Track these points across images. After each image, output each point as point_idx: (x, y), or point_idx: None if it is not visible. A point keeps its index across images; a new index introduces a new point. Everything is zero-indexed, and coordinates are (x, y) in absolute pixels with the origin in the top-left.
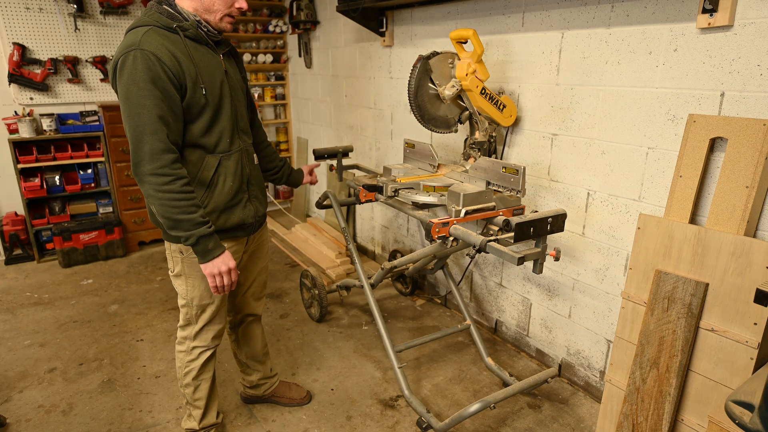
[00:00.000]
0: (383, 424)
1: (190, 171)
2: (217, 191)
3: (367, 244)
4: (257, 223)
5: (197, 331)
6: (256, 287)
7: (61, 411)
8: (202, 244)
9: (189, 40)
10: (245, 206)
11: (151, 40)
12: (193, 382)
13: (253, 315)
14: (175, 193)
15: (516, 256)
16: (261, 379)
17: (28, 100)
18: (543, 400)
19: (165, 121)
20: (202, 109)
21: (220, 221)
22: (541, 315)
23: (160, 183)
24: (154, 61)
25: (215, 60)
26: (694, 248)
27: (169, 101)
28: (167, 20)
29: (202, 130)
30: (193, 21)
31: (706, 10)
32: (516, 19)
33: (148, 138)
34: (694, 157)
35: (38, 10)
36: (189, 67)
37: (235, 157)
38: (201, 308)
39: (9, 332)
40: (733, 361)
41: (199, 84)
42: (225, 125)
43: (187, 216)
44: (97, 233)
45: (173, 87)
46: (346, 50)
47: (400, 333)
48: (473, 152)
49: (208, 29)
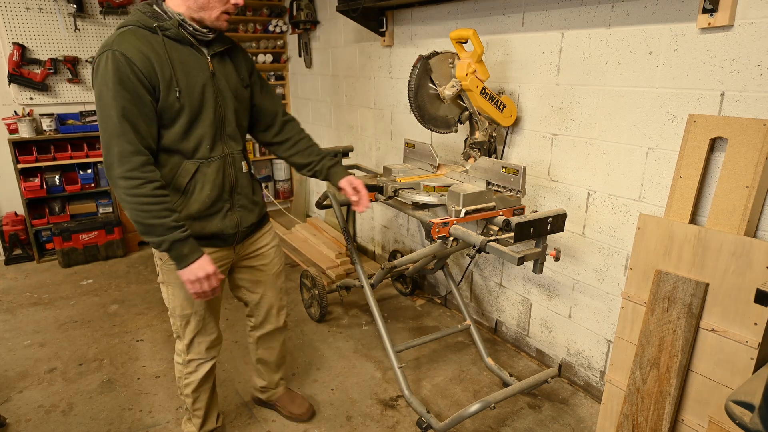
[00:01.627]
0: (383, 424)
1: (165, 175)
2: (193, 198)
3: (367, 244)
4: (243, 233)
5: (187, 343)
6: (272, 296)
7: (61, 411)
8: (175, 249)
9: (170, 40)
10: (225, 216)
11: (125, 40)
12: (193, 394)
13: (275, 325)
14: (146, 197)
15: (516, 256)
16: (264, 387)
17: (27, 100)
18: (543, 401)
19: (133, 122)
20: (177, 113)
21: (194, 228)
22: (541, 315)
23: (129, 186)
24: (124, 62)
25: (199, 62)
26: (695, 248)
27: (138, 103)
28: (149, 20)
29: (178, 135)
30: (175, 20)
31: (706, 10)
32: (516, 19)
33: (116, 140)
34: (694, 157)
35: (38, 10)
36: (164, 69)
37: (216, 165)
38: (184, 319)
39: (9, 332)
40: (734, 361)
41: (174, 87)
42: (205, 131)
43: (158, 220)
44: (97, 233)
45: (144, 89)
46: (346, 50)
47: (400, 333)
48: (473, 152)
49: (194, 28)
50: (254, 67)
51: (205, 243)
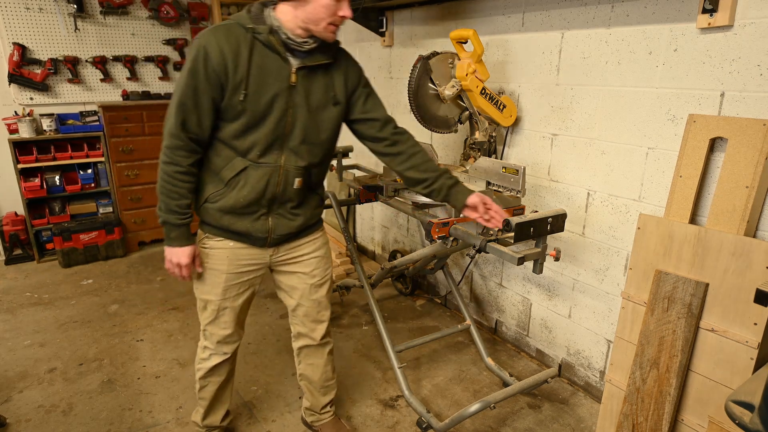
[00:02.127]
0: (383, 424)
1: (217, 164)
2: (232, 194)
3: (367, 244)
4: (275, 240)
5: (203, 328)
6: (308, 306)
7: (61, 411)
8: (167, 228)
9: (259, 43)
10: (257, 219)
11: (214, 35)
12: (200, 381)
13: (309, 337)
14: (167, 175)
15: (516, 256)
16: (308, 408)
17: (28, 100)
18: (543, 400)
19: (186, 109)
20: (238, 114)
21: (224, 221)
22: (541, 315)
23: (162, 160)
24: (202, 55)
25: (280, 71)
26: (694, 248)
27: (199, 94)
28: (248, 20)
29: (235, 133)
30: (268, 27)
31: (706, 10)
32: (516, 19)
33: (169, 120)
34: (694, 157)
35: (38, 10)
36: (238, 70)
37: (263, 171)
38: (202, 302)
39: (9, 332)
40: (733, 361)
41: (241, 90)
42: (261, 137)
43: (166, 198)
44: (97, 233)
45: (210, 83)
46: None
47: (400, 333)
48: (473, 152)
49: (287, 36)
50: (360, 81)
51: (234, 237)
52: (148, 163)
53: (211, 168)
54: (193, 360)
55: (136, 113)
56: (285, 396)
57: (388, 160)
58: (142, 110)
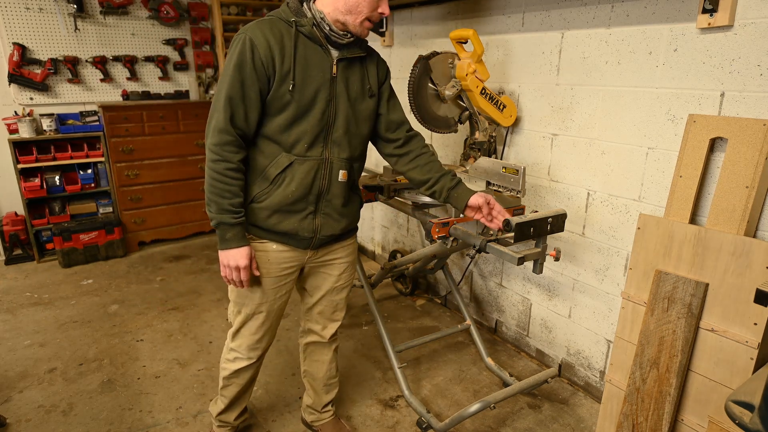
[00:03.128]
0: (383, 424)
1: (261, 162)
2: (279, 191)
3: (367, 244)
4: (319, 240)
5: (235, 331)
6: (325, 306)
7: (61, 411)
8: (220, 230)
9: (302, 35)
10: (305, 218)
11: (259, 28)
12: (224, 380)
13: (318, 335)
14: (216, 173)
15: (516, 256)
16: (309, 406)
17: (28, 100)
18: (543, 400)
19: (234, 103)
20: (285, 105)
21: (271, 221)
22: (541, 315)
23: (210, 159)
24: (248, 47)
25: (323, 62)
26: (694, 248)
27: (247, 87)
28: (290, 13)
29: (281, 127)
30: (311, 19)
31: (706, 10)
32: (516, 19)
33: (216, 114)
34: (694, 157)
35: (38, 10)
36: (284, 61)
37: (309, 165)
38: (238, 306)
39: (9, 332)
40: (733, 361)
41: (289, 80)
42: (307, 129)
43: (217, 198)
44: (97, 233)
45: (257, 75)
46: None
47: (400, 333)
48: (473, 152)
49: (330, 28)
50: (387, 77)
51: (278, 238)
52: (148, 163)
53: (255, 167)
54: (193, 360)
55: (136, 113)
56: (285, 396)
57: (394, 162)
58: (142, 110)
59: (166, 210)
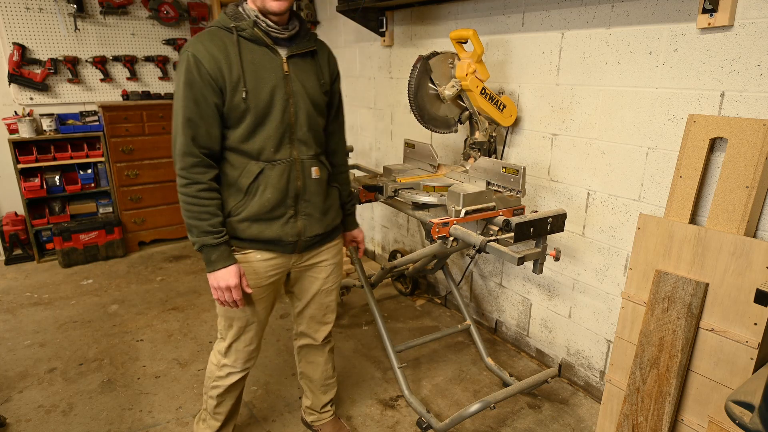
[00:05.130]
0: (383, 424)
1: (231, 175)
2: (254, 201)
3: (367, 244)
4: (305, 243)
5: (227, 347)
6: (315, 309)
7: (61, 411)
8: (205, 253)
9: (245, 40)
10: (286, 223)
11: (200, 42)
12: (218, 398)
13: (311, 338)
14: (189, 197)
15: (516, 256)
16: (308, 407)
17: (28, 100)
18: (543, 400)
19: (193, 124)
20: (242, 114)
21: (252, 231)
22: (541, 315)
23: (180, 183)
24: (193, 63)
25: (272, 63)
26: (694, 248)
27: (202, 105)
28: (228, 20)
29: (242, 136)
30: (251, 20)
31: (706, 10)
32: (516, 19)
33: (178, 139)
34: (694, 157)
35: (38, 10)
36: (232, 70)
37: (281, 168)
38: (228, 320)
39: (9, 332)
40: (733, 361)
41: (240, 88)
42: (270, 133)
43: (196, 221)
44: (97, 233)
45: (210, 90)
46: (346, 50)
47: (400, 333)
48: (473, 152)
49: (267, 25)
50: (338, 76)
51: (262, 247)
52: (148, 163)
53: (226, 180)
54: (193, 360)
55: (136, 113)
56: (285, 396)
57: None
58: (142, 110)
59: (166, 210)
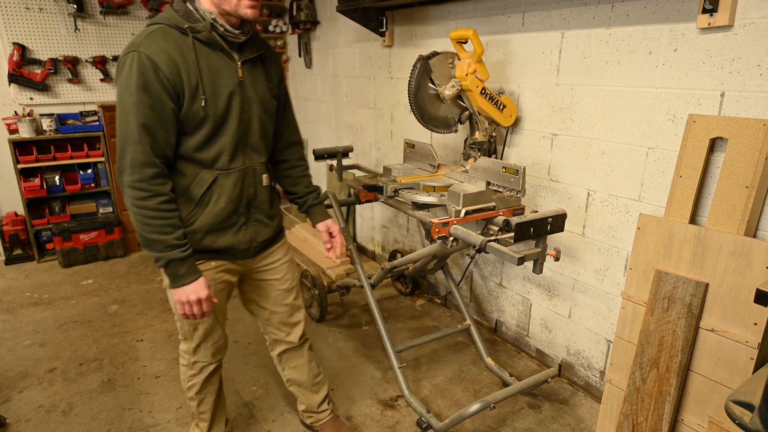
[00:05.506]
0: (383, 424)
1: (181, 183)
2: (207, 210)
3: (367, 244)
4: (256, 248)
5: (195, 346)
6: (281, 312)
7: (61, 411)
8: (172, 268)
9: (200, 43)
10: (239, 230)
11: (153, 42)
12: (197, 396)
13: (287, 342)
14: (150, 210)
15: (516, 256)
16: (305, 411)
17: (28, 100)
18: (543, 400)
19: (151, 131)
20: (201, 121)
21: (206, 241)
22: (541, 315)
23: (136, 197)
24: (149, 66)
25: (228, 68)
26: (694, 248)
27: (159, 110)
28: (181, 19)
29: (198, 144)
30: (208, 22)
31: (706, 10)
32: (516, 19)
33: (131, 147)
34: (694, 157)
35: (38, 10)
36: (190, 75)
37: (235, 177)
38: (193, 325)
39: (9, 332)
40: (733, 361)
41: (200, 95)
42: (227, 141)
43: (159, 236)
44: (97, 233)
45: (167, 95)
46: (346, 50)
47: (400, 333)
48: (473, 152)
49: (225, 29)
50: (283, 77)
51: (214, 256)
52: None
53: (176, 191)
54: None
55: None
56: (285, 396)
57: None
58: None
59: None
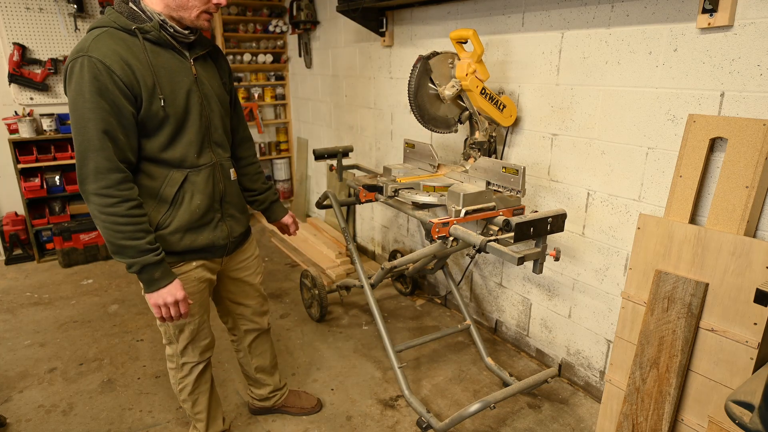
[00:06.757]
0: (383, 424)
1: (151, 186)
2: (183, 209)
3: (367, 244)
4: (233, 244)
5: (182, 348)
6: (254, 304)
7: (61, 411)
8: (147, 273)
9: (150, 43)
10: (216, 227)
11: (102, 45)
12: (190, 397)
13: (259, 326)
14: (120, 217)
15: (516, 256)
16: (271, 392)
17: (28, 100)
18: (543, 400)
19: (112, 136)
20: (161, 122)
21: (185, 241)
22: (541, 315)
23: (103, 204)
24: (102, 70)
25: (182, 66)
26: (694, 248)
27: (118, 115)
28: (127, 21)
29: (163, 145)
30: (156, 22)
31: (706, 10)
32: (516, 19)
33: (92, 155)
34: (694, 157)
35: (38, 10)
36: (145, 76)
37: (206, 173)
38: (178, 328)
39: (9, 332)
40: (733, 361)
41: (157, 95)
42: (192, 138)
43: (131, 242)
44: (97, 233)
45: (124, 99)
46: (346, 50)
47: (400, 333)
48: (473, 152)
49: (174, 29)
50: (232, 72)
51: (196, 256)
52: None
53: (146, 194)
54: None
55: None
56: None
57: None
58: None
59: None
